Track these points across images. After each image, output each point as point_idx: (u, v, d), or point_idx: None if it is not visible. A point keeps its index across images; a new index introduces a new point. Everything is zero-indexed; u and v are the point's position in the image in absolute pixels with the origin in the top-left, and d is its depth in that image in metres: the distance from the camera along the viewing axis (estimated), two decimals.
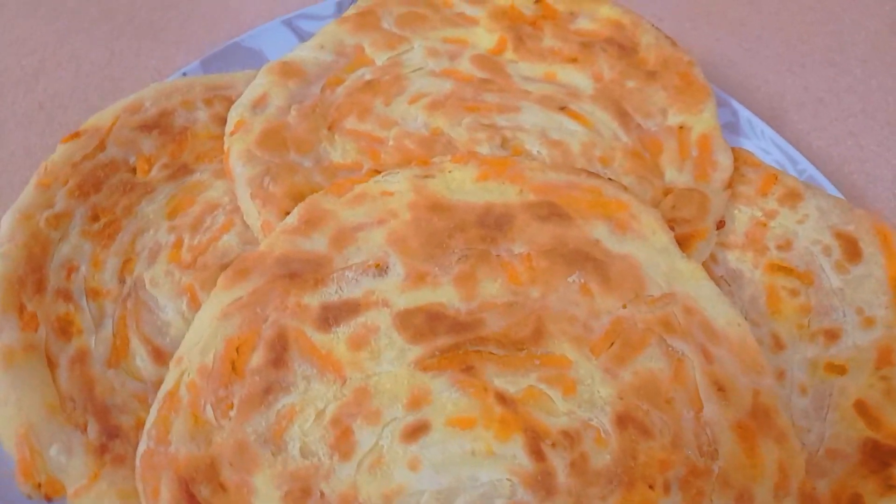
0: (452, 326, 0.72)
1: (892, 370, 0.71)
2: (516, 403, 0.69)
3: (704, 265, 0.80)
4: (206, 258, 0.84)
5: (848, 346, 0.75)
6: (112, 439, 0.72)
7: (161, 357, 0.78)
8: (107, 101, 0.92)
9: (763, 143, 0.95)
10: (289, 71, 0.93)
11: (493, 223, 0.77)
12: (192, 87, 0.95)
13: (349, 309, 0.73)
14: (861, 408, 0.70)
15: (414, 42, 0.98)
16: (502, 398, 0.69)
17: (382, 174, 0.81)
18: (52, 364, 0.76)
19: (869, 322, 0.76)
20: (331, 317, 0.72)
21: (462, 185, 0.80)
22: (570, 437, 0.68)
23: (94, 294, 0.81)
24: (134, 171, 0.89)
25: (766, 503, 0.64)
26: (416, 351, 0.71)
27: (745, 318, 0.76)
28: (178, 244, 0.85)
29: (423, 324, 0.72)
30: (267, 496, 0.65)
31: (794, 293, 0.80)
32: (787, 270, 0.82)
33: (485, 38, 0.99)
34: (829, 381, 0.73)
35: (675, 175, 0.88)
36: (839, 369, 0.74)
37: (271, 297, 0.73)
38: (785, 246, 0.83)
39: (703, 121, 0.91)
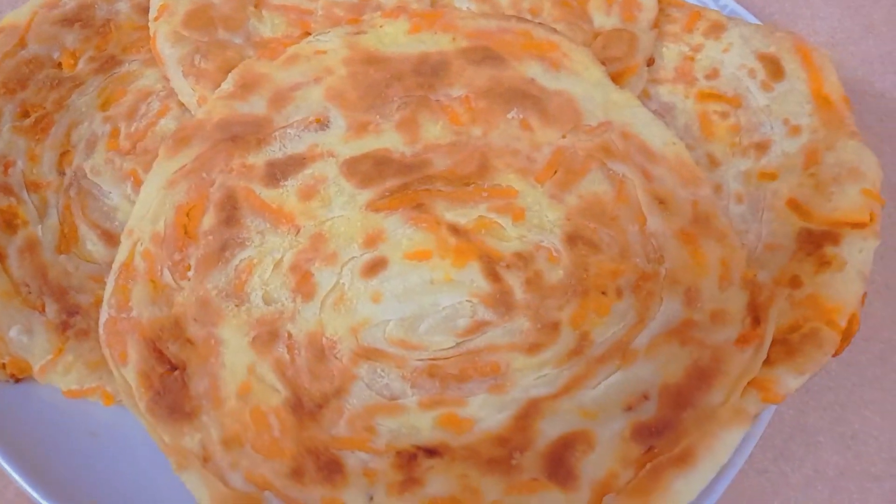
0: (399, 169, 0.73)
1: (819, 168, 0.75)
2: (469, 233, 0.71)
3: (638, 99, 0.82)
4: (145, 143, 0.83)
5: (777, 154, 0.79)
6: (72, 316, 0.72)
7: (112, 239, 0.77)
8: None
9: None
10: None
11: (430, 70, 0.78)
12: None
13: (295, 163, 0.73)
14: (793, 204, 0.74)
15: None
16: (455, 229, 0.71)
17: (314, 34, 0.81)
18: (0, 256, 0.75)
19: (795, 130, 0.79)
20: (278, 172, 0.73)
21: (395, 38, 0.80)
22: (523, 259, 0.70)
23: (34, 187, 0.80)
24: (60, 65, 0.87)
25: (713, 294, 0.68)
26: (366, 195, 0.72)
27: None
28: (115, 133, 0.84)
29: (370, 169, 0.73)
30: (235, 344, 0.66)
31: (724, 116, 0.83)
32: (716, 97, 0.85)
33: None
34: (763, 186, 0.77)
35: (603, 19, 0.90)
36: (771, 176, 0.78)
37: (216, 161, 0.73)
38: (712, 75, 0.86)
39: None
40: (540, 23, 0.84)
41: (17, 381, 0.70)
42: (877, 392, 0.78)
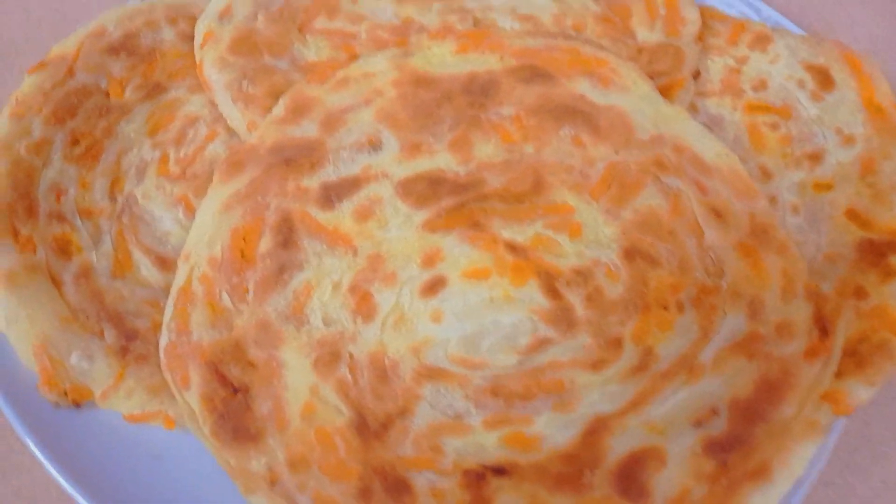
0: (454, 188, 0.73)
1: (877, 177, 0.75)
2: (526, 250, 0.70)
3: None
4: (194, 168, 0.83)
5: (832, 164, 0.78)
6: (131, 341, 0.72)
7: (166, 264, 0.78)
8: None
9: None
10: None
11: (479, 90, 0.78)
12: (154, 8, 0.93)
13: (350, 185, 0.73)
14: (852, 214, 0.74)
15: None
16: (512, 247, 0.70)
17: (362, 57, 0.81)
18: (56, 282, 0.75)
19: (849, 140, 0.79)
20: (332, 194, 0.73)
21: (443, 59, 0.81)
22: (582, 275, 0.70)
23: (87, 214, 0.80)
24: (107, 94, 0.88)
25: (777, 306, 0.67)
26: (422, 214, 0.72)
27: None
28: (165, 159, 0.85)
29: (425, 189, 0.73)
30: (297, 366, 0.66)
31: (774, 127, 0.83)
32: (764, 108, 0.84)
33: None
34: (819, 197, 0.76)
35: (647, 34, 0.90)
36: (826, 186, 0.77)
37: (270, 185, 0.73)
38: (760, 86, 0.86)
39: None
40: (586, 39, 0.84)
41: (79, 405, 0.69)
42: None
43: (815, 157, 0.79)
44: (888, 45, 1.02)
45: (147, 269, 0.78)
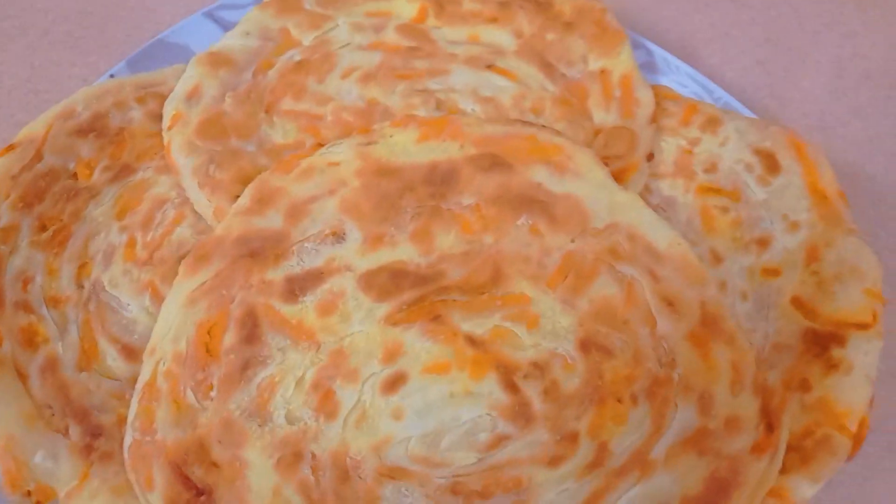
0: (415, 280, 0.75)
1: (820, 265, 0.78)
2: (485, 343, 0.72)
3: (640, 195, 0.85)
4: (162, 252, 0.85)
5: (779, 250, 0.81)
6: (96, 438, 0.72)
7: (132, 354, 0.79)
8: (34, 115, 0.91)
9: (679, 78, 1.00)
10: (218, 60, 0.94)
11: (440, 180, 0.81)
12: (123, 87, 0.95)
13: (313, 278, 0.75)
14: (797, 302, 0.77)
15: (338, 19, 1.00)
16: (472, 340, 0.72)
17: (326, 146, 0.83)
18: (22, 376, 0.75)
19: (794, 226, 0.82)
20: (296, 288, 0.75)
21: (405, 147, 0.83)
22: (539, 368, 0.72)
23: (53, 302, 0.81)
24: (75, 176, 0.88)
25: (726, 399, 0.70)
26: (383, 308, 0.74)
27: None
28: (132, 243, 0.85)
29: (387, 282, 0.75)
30: (260, 466, 0.67)
31: (724, 210, 0.86)
32: (715, 191, 0.87)
33: (406, 7, 1.02)
34: (767, 283, 0.79)
35: (603, 116, 0.93)
36: (774, 272, 0.80)
37: (235, 278, 0.75)
38: (711, 168, 0.89)
39: (621, 63, 0.96)
40: (543, 125, 0.87)
41: None
42: (889, 484, 0.80)
43: (763, 243, 0.82)
44: (838, 121, 1.06)
45: (113, 360, 0.79)
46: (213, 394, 0.70)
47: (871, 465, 0.81)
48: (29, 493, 0.69)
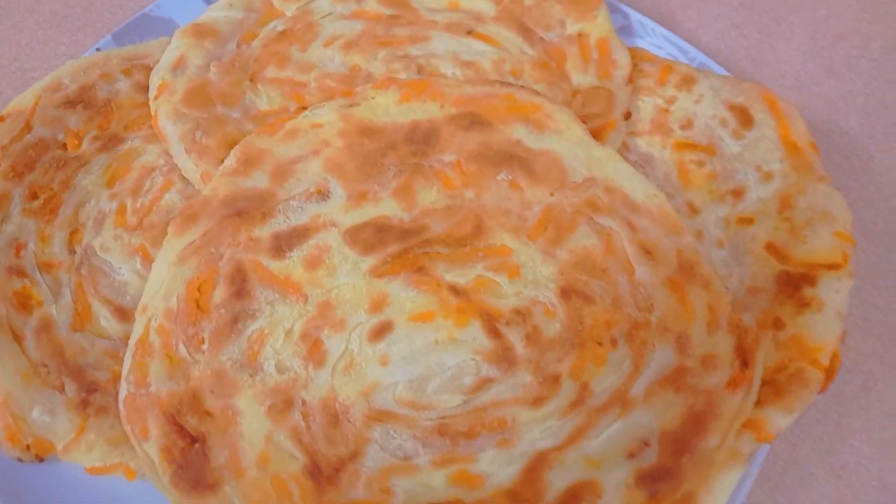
0: (399, 234, 0.77)
1: (793, 211, 0.80)
2: (468, 292, 0.75)
3: (619, 153, 0.87)
4: (151, 218, 0.86)
5: (753, 200, 0.84)
6: (91, 393, 0.74)
7: (125, 315, 0.80)
8: (22, 92, 0.93)
9: (655, 40, 1.02)
10: (203, 32, 0.96)
11: (421, 138, 0.83)
12: (109, 59, 0.96)
13: (299, 234, 0.77)
14: (771, 248, 0.79)
15: None
16: (455, 290, 0.74)
17: (310, 109, 0.85)
18: (17, 337, 0.77)
19: (767, 176, 0.84)
20: (283, 244, 0.76)
21: (386, 108, 0.85)
22: (521, 314, 0.74)
23: (46, 267, 0.83)
24: (64, 146, 0.90)
25: (702, 339, 0.72)
26: (369, 261, 0.76)
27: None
28: (122, 209, 0.87)
29: (371, 236, 0.77)
30: (252, 414, 0.69)
31: (700, 164, 0.88)
32: (691, 146, 0.89)
33: None
34: (742, 231, 0.82)
35: (581, 78, 0.95)
36: (748, 221, 0.82)
37: (223, 236, 0.77)
38: (687, 125, 0.91)
39: (598, 26, 0.98)
40: (522, 85, 0.89)
41: (41, 460, 0.72)
42: (863, 422, 0.82)
43: (738, 193, 0.84)
44: (812, 80, 1.08)
45: (106, 321, 0.80)
46: (204, 347, 0.72)
47: (845, 403, 0.83)
48: (28, 447, 0.71)
